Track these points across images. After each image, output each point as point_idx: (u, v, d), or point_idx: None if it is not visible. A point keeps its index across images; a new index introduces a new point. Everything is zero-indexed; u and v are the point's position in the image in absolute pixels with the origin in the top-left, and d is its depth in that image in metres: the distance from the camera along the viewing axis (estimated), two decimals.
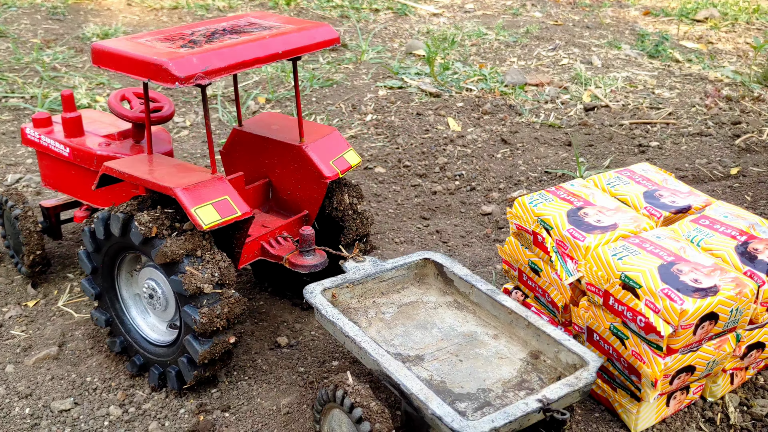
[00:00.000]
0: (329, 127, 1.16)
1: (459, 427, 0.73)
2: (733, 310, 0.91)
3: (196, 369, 0.99)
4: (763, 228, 1.04)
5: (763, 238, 1.02)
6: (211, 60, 0.90)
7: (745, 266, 0.97)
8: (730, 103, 2.29)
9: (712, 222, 1.05)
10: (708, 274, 0.92)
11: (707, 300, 0.89)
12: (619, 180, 1.17)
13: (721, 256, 0.99)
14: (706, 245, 1.01)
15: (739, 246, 1.00)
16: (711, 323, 0.91)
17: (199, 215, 0.92)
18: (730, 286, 0.91)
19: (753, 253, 0.98)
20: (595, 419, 1.02)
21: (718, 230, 1.03)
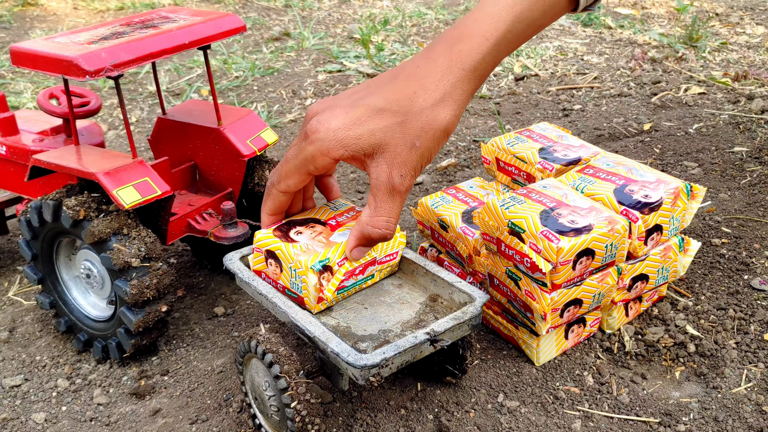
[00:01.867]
0: (246, 109, 1.24)
1: (353, 360, 0.83)
2: (608, 245, 1.02)
3: (133, 338, 1.08)
4: (639, 171, 1.15)
5: (638, 180, 1.12)
6: (118, 54, 0.98)
7: (621, 206, 1.07)
8: (654, 64, 2.40)
9: (596, 171, 1.16)
10: (584, 215, 1.03)
11: (581, 237, 0.99)
12: (518, 139, 1.27)
13: (601, 199, 1.09)
14: (588, 191, 1.11)
15: (617, 189, 1.10)
16: (588, 258, 1.01)
17: (121, 196, 1.01)
18: (603, 224, 1.01)
19: (628, 194, 1.09)
20: (503, 356, 1.12)
21: (600, 177, 1.14)
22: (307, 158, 0.87)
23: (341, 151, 0.85)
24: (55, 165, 1.06)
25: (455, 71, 0.86)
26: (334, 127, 0.85)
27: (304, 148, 0.87)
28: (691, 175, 1.56)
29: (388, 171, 0.85)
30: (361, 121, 0.84)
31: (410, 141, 0.84)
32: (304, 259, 0.93)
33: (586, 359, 1.11)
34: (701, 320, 1.16)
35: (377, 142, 0.84)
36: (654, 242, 1.08)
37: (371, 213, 0.88)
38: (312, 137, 0.86)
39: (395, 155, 0.84)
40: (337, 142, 0.85)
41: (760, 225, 1.37)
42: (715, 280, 1.24)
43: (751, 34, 2.81)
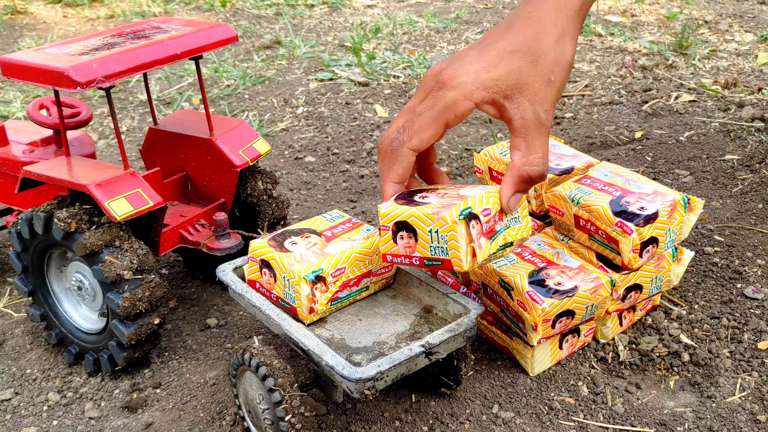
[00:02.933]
0: (238, 119, 1.24)
1: (348, 373, 0.82)
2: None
3: (125, 351, 1.07)
4: (637, 183, 1.15)
5: (635, 192, 1.12)
6: (110, 65, 0.98)
7: (616, 218, 1.07)
8: (644, 71, 2.41)
9: (593, 181, 1.16)
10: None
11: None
12: None
13: (597, 210, 1.09)
14: (585, 201, 1.11)
15: (613, 200, 1.10)
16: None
17: (113, 207, 1.00)
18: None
19: (624, 205, 1.09)
20: (497, 366, 1.12)
21: (597, 188, 1.14)
22: (447, 105, 0.85)
23: (483, 93, 0.85)
24: (46, 177, 1.05)
25: (565, 11, 0.89)
26: (474, 70, 0.85)
27: (443, 95, 0.85)
28: (683, 184, 1.57)
29: (532, 108, 0.85)
30: (495, 64, 0.85)
31: (546, 77, 0.86)
32: (298, 269, 0.92)
33: (580, 369, 1.11)
34: (695, 329, 1.16)
35: (515, 82, 0.85)
36: (649, 254, 1.09)
37: (524, 153, 0.86)
38: (451, 83, 0.85)
39: (535, 92, 0.85)
40: (479, 84, 0.84)
41: (752, 233, 1.37)
42: (708, 289, 1.24)
43: (740, 42, 2.83)
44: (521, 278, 1.05)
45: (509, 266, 1.08)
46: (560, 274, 1.06)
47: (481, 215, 0.86)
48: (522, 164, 0.87)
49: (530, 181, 0.88)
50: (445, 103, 0.85)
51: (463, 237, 0.86)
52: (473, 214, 0.85)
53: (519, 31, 0.88)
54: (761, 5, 3.42)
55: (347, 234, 1.00)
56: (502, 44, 0.87)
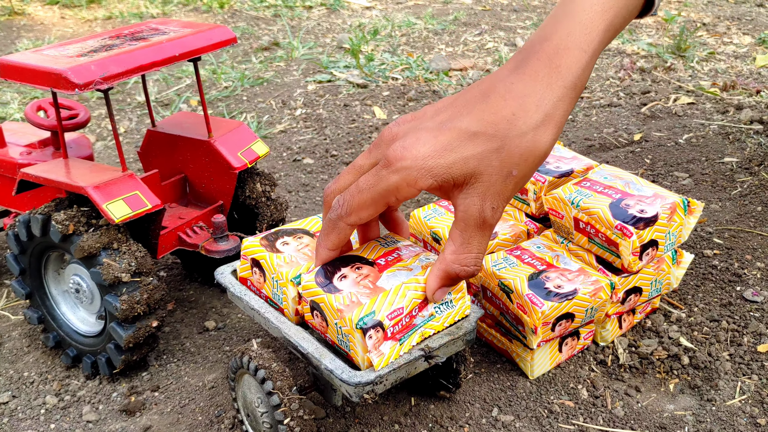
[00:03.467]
0: (237, 121, 1.23)
1: (347, 377, 0.82)
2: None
3: (123, 354, 1.07)
4: (637, 186, 1.15)
5: (635, 194, 1.12)
6: (108, 66, 0.97)
7: (616, 221, 1.07)
8: (643, 74, 2.41)
9: (593, 184, 1.16)
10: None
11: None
12: None
13: (596, 213, 1.09)
14: (585, 204, 1.11)
15: (613, 203, 1.10)
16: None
17: (111, 210, 1.00)
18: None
19: (624, 208, 1.09)
20: (497, 369, 1.12)
21: (597, 191, 1.14)
22: (389, 189, 0.78)
23: (430, 181, 0.76)
24: (44, 179, 1.05)
25: (556, 89, 0.77)
26: (423, 155, 0.76)
27: (386, 177, 0.78)
28: (682, 186, 1.57)
29: (480, 203, 0.77)
30: (452, 147, 0.76)
31: (507, 169, 0.76)
32: (286, 270, 0.92)
33: (580, 372, 1.10)
34: (694, 332, 1.16)
35: (470, 171, 0.76)
36: (649, 257, 1.08)
37: (457, 249, 0.80)
38: (396, 165, 0.77)
39: (489, 186, 0.76)
40: (426, 171, 0.76)
41: (751, 236, 1.37)
42: (707, 292, 1.24)
43: (738, 44, 2.83)
44: (521, 281, 1.05)
45: (509, 269, 1.08)
46: (560, 276, 1.06)
47: (386, 319, 0.82)
48: (452, 261, 0.81)
49: (457, 279, 0.82)
50: (386, 186, 0.78)
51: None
52: (375, 322, 0.82)
53: (492, 108, 0.77)
54: (759, 8, 3.42)
55: None
56: (466, 122, 0.77)
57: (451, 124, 0.77)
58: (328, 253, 0.88)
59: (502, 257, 1.11)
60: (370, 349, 0.83)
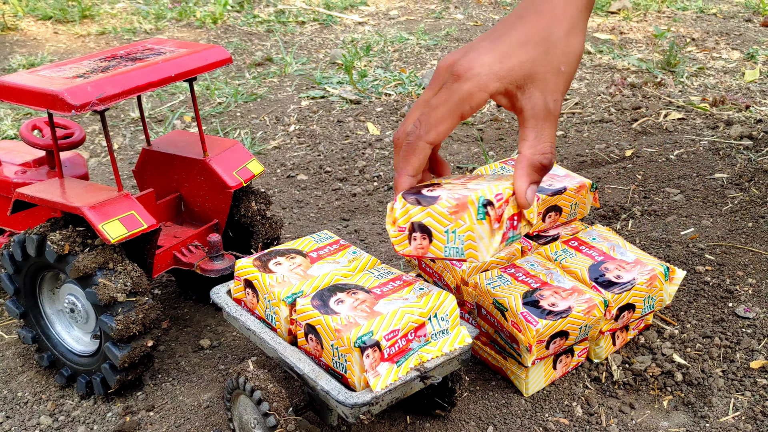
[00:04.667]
0: (232, 140, 1.24)
1: (343, 399, 0.82)
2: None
3: (118, 374, 1.07)
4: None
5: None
6: (104, 87, 0.98)
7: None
8: (633, 89, 2.43)
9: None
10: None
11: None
12: (503, 169, 1.28)
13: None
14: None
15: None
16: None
17: (107, 230, 1.00)
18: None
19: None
20: (491, 387, 1.12)
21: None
22: (463, 97, 0.86)
23: (497, 84, 0.86)
24: (39, 199, 1.05)
25: (575, 3, 0.90)
26: (488, 62, 0.86)
27: (459, 87, 0.86)
28: (673, 202, 1.58)
29: (542, 98, 0.87)
30: (509, 54, 0.87)
31: (556, 67, 0.88)
32: (278, 290, 0.93)
33: (574, 389, 1.11)
34: (687, 348, 1.16)
35: (527, 72, 0.87)
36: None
37: (533, 142, 0.88)
38: (466, 75, 0.86)
39: (546, 82, 0.87)
40: (494, 75, 0.86)
41: (742, 252, 1.38)
42: (700, 308, 1.25)
43: (727, 59, 2.86)
44: (515, 299, 1.05)
45: (503, 287, 1.09)
46: (554, 294, 1.07)
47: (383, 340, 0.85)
48: (532, 153, 0.88)
49: (542, 169, 0.89)
50: (461, 96, 0.86)
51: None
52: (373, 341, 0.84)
53: (530, 22, 0.89)
54: (747, 23, 3.46)
55: (332, 256, 1.00)
56: (514, 35, 0.88)
57: (503, 38, 0.88)
58: (410, 180, 0.91)
59: (496, 275, 1.12)
60: (367, 369, 0.83)
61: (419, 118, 0.88)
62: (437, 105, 0.87)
